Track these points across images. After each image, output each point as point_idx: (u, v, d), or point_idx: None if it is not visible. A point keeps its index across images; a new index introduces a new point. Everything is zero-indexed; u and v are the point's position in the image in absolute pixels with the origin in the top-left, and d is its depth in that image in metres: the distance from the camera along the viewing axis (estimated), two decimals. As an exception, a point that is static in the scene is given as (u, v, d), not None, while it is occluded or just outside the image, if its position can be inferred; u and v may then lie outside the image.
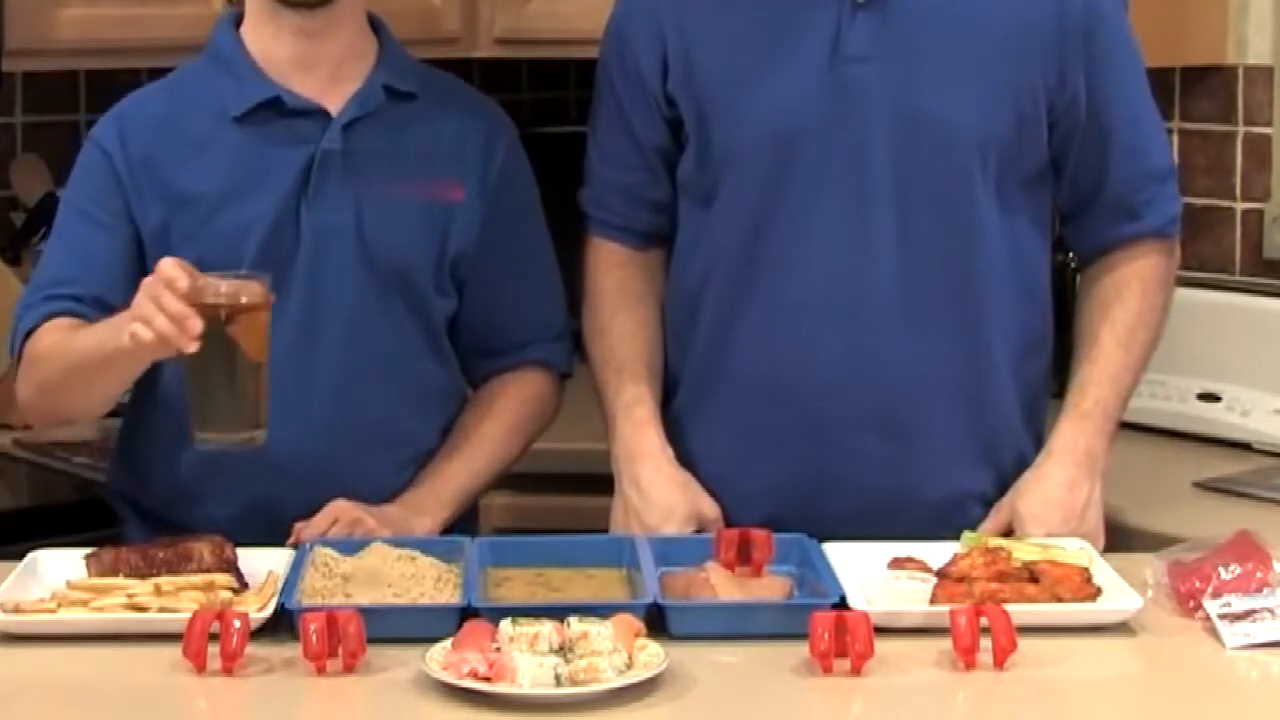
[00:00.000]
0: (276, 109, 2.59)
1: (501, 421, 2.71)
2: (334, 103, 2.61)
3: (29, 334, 2.57)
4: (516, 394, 2.74)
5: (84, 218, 2.62)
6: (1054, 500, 2.55)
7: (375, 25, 2.69)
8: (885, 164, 2.52)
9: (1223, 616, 2.25)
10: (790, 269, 2.56)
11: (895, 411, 2.56)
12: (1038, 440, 2.65)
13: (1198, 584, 2.31)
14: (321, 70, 2.62)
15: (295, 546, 2.43)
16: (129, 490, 2.70)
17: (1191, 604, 2.30)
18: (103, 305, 2.54)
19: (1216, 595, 2.28)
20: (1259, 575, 2.31)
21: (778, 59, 2.54)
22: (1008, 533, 2.53)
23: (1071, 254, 2.79)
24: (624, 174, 2.67)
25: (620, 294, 2.69)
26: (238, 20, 2.67)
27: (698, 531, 2.57)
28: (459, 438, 2.69)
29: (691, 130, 2.60)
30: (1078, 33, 2.55)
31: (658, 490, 2.60)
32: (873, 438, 2.56)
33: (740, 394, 2.60)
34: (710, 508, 2.60)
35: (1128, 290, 2.63)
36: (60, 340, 2.53)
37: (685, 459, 2.64)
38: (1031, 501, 2.56)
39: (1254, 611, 2.25)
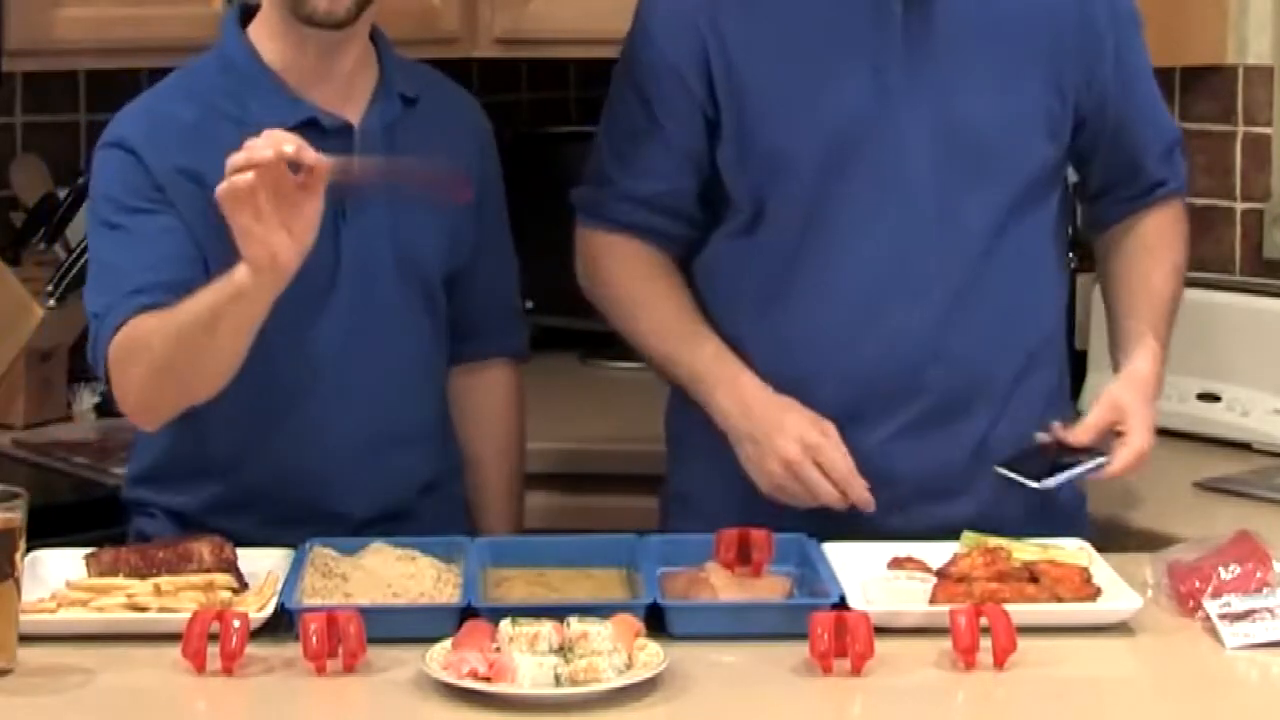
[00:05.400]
0: (309, 128, 2.52)
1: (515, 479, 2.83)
2: (351, 113, 2.59)
3: (117, 329, 2.44)
4: (509, 424, 2.82)
5: (137, 214, 2.50)
6: (1152, 419, 2.57)
7: (372, 32, 2.65)
8: (928, 171, 2.54)
9: (1223, 616, 2.25)
10: (833, 269, 2.55)
11: (931, 409, 2.57)
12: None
13: (1198, 584, 2.31)
14: (337, 83, 2.59)
15: None
16: (165, 495, 2.66)
17: (1191, 604, 2.30)
18: (189, 288, 2.43)
19: (1216, 595, 2.28)
20: (1259, 575, 2.31)
21: (821, 65, 2.54)
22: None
23: (1088, 228, 2.86)
24: (649, 183, 2.62)
25: (650, 278, 2.65)
26: (241, 16, 2.62)
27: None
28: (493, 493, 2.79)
29: (731, 136, 2.57)
30: (1102, 28, 2.61)
31: (778, 413, 2.54)
32: (908, 437, 2.57)
33: (782, 392, 2.57)
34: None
35: (1171, 236, 2.75)
36: (160, 321, 2.40)
37: (713, 445, 2.61)
38: (1144, 410, 2.56)
39: (1254, 611, 2.25)
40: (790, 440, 2.50)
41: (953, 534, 2.46)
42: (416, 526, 2.56)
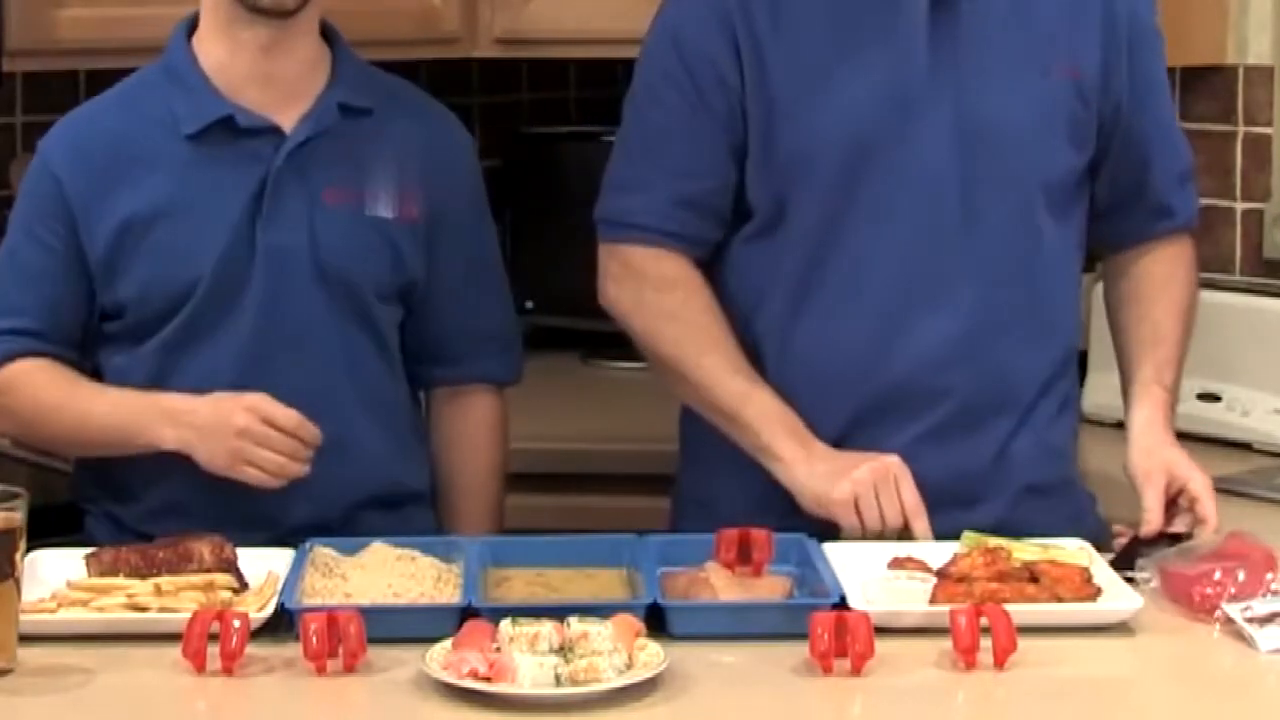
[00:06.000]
0: (229, 127, 2.58)
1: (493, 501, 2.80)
2: (288, 119, 2.60)
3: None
4: (486, 454, 2.79)
5: (34, 241, 2.63)
6: (1183, 455, 2.61)
7: (330, 36, 2.67)
8: (950, 176, 2.54)
9: (1250, 620, 2.24)
10: (853, 275, 2.55)
11: (952, 418, 2.56)
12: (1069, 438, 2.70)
13: (1212, 589, 2.29)
14: (277, 86, 2.60)
15: None
16: (102, 502, 2.69)
17: (1207, 608, 2.28)
18: (60, 336, 2.62)
19: (1237, 599, 2.27)
20: (1269, 576, 2.30)
21: (847, 65, 2.53)
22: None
23: (1094, 245, 2.83)
24: (691, 183, 2.59)
25: (698, 311, 2.60)
26: (191, 26, 2.65)
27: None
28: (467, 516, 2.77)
29: (754, 134, 2.56)
30: (1122, 34, 2.61)
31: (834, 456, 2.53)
32: (929, 444, 2.56)
33: (803, 395, 2.57)
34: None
35: (1179, 274, 2.73)
36: (47, 393, 2.60)
37: (725, 449, 2.60)
38: (1184, 458, 2.59)
39: (1278, 614, 2.24)
40: (885, 458, 2.49)
41: None
42: None
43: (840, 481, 2.48)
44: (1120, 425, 3.30)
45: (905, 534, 2.48)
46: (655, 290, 2.61)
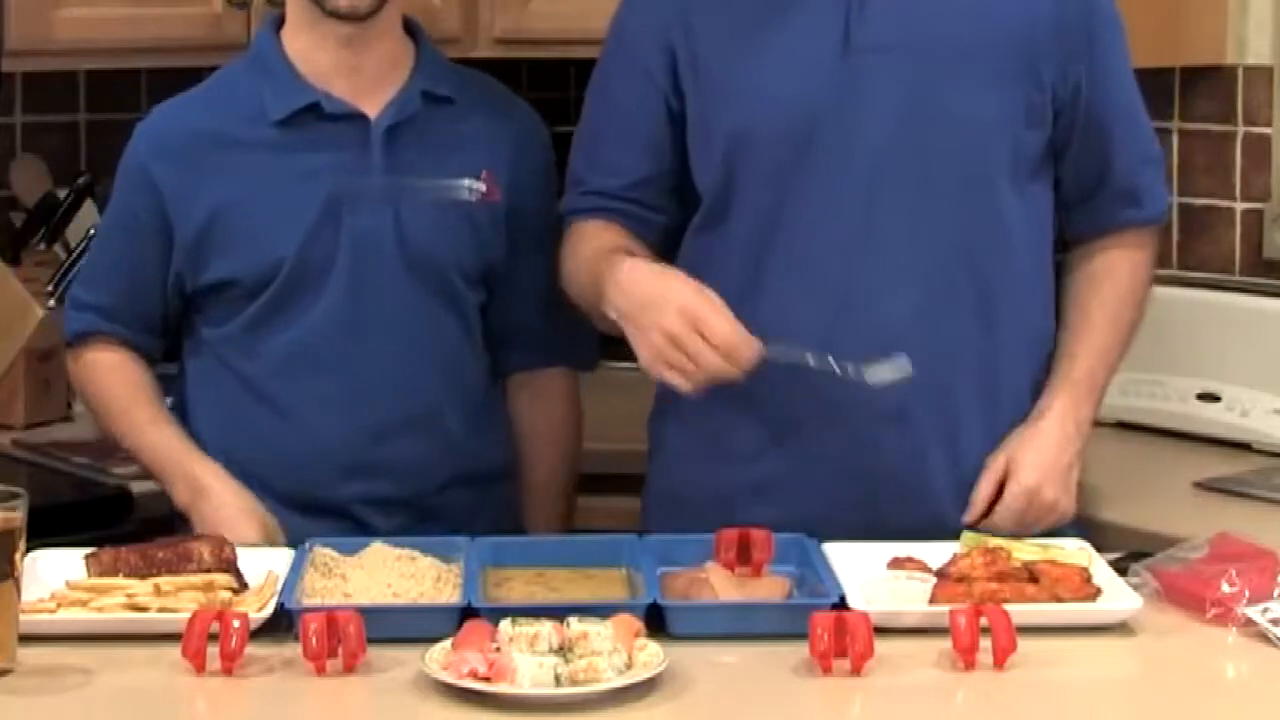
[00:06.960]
0: (316, 114, 2.64)
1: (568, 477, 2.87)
2: (373, 107, 2.66)
3: (78, 336, 2.76)
4: (561, 438, 2.85)
5: (119, 227, 2.72)
6: (1047, 458, 2.56)
7: (412, 30, 2.74)
8: (898, 154, 2.52)
9: (1274, 622, 2.23)
10: (803, 258, 2.55)
11: (911, 401, 2.54)
12: None
13: (1226, 591, 2.28)
14: (362, 76, 2.66)
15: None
16: None
17: (1221, 611, 2.27)
18: (135, 320, 2.72)
19: (1254, 602, 2.25)
20: (1277, 576, 2.30)
21: (787, 50, 2.54)
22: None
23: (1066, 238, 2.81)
24: (616, 180, 2.65)
25: (602, 246, 2.63)
26: (278, 23, 2.71)
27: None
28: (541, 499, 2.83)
29: (694, 124, 2.60)
30: (1077, 19, 2.59)
31: (659, 285, 2.47)
32: (889, 428, 2.55)
33: (754, 381, 2.55)
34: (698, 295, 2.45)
35: (1118, 269, 2.68)
36: (111, 397, 2.74)
37: (692, 446, 2.62)
38: (1028, 453, 2.56)
39: None
40: (670, 309, 2.42)
41: (946, 534, 2.46)
42: (436, 525, 2.59)
43: (641, 353, 2.44)
44: (1118, 424, 3.32)
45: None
46: (585, 239, 2.65)
